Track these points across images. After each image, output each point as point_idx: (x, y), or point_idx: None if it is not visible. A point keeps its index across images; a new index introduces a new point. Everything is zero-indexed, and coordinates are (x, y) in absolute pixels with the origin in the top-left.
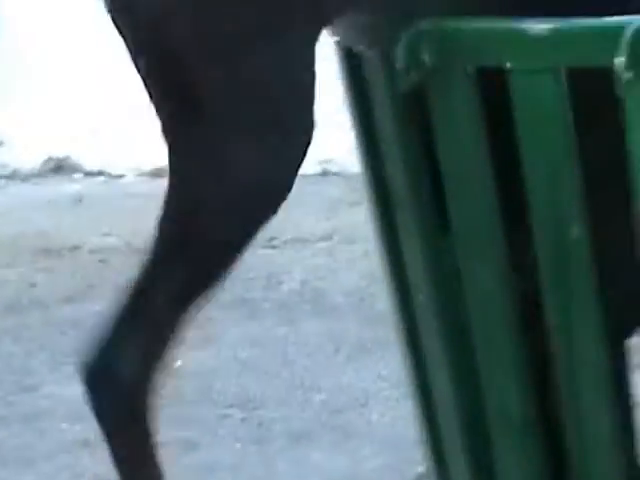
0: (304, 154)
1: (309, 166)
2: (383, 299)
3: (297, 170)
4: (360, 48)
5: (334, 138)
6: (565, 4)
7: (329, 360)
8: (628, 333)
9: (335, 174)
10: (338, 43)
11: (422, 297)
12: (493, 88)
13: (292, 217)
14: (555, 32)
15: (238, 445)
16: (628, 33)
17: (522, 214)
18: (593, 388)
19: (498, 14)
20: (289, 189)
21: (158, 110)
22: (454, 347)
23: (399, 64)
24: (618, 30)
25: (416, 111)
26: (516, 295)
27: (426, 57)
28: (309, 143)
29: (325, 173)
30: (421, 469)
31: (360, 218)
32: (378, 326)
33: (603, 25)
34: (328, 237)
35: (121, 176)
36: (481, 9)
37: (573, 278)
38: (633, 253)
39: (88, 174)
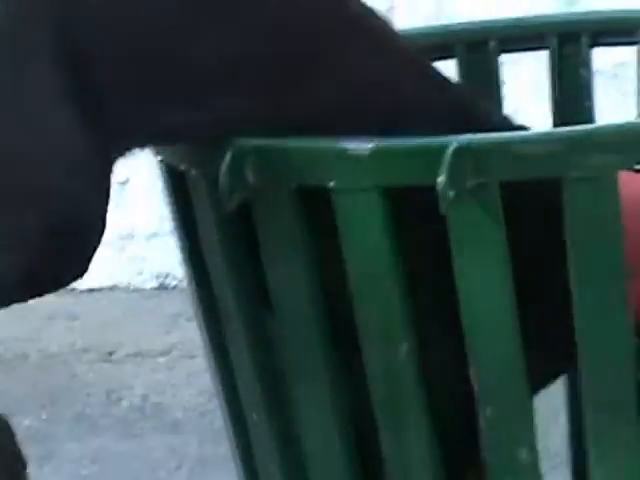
0: None
1: (147, 281)
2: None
3: None
4: (183, 167)
5: (170, 253)
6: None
7: (171, 476)
8: (467, 456)
9: (173, 288)
10: (161, 162)
11: (255, 416)
12: (324, 207)
13: (131, 332)
14: (377, 151)
15: None
16: (449, 153)
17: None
18: None
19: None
20: None
21: None
22: (288, 466)
23: (222, 184)
24: (439, 150)
25: (243, 229)
26: (348, 417)
27: (249, 176)
28: None
29: (163, 287)
30: None
31: (199, 333)
32: (219, 441)
33: (424, 145)
34: (167, 352)
35: None
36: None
37: (403, 396)
38: (463, 372)
39: None
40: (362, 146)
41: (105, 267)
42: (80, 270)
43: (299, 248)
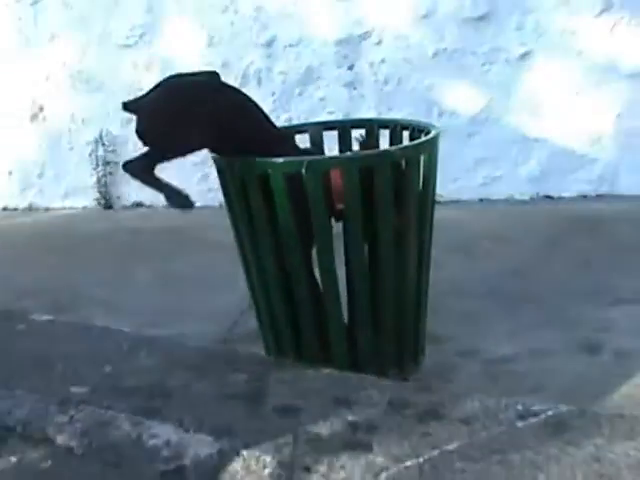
0: None
1: None
2: None
3: None
4: (225, 169)
5: None
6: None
7: None
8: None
9: None
10: (218, 169)
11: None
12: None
13: None
14: (284, 162)
15: None
16: (306, 162)
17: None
18: None
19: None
20: None
21: None
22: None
23: (235, 173)
24: (301, 163)
25: (243, 193)
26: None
27: (240, 171)
28: None
29: None
30: None
31: None
32: None
33: (299, 160)
34: None
35: None
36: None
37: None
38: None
39: None
40: (277, 160)
41: None
42: None
43: (259, 200)
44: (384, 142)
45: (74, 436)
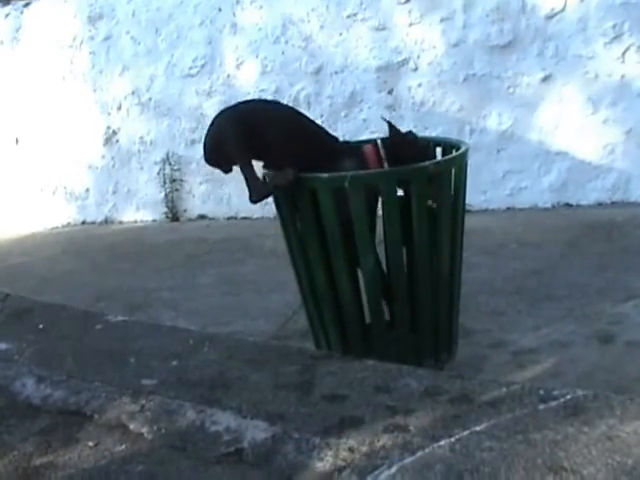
0: None
1: None
2: None
3: None
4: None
5: None
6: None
7: None
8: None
9: None
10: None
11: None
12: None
13: None
14: (329, 177)
15: None
16: (348, 177)
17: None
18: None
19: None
20: None
21: None
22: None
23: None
24: (344, 177)
25: (293, 203)
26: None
27: (294, 185)
28: None
29: None
30: None
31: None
32: None
33: (342, 175)
34: None
35: None
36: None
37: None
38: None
39: None
40: (323, 175)
41: None
42: None
43: (309, 209)
44: None
45: (145, 423)
